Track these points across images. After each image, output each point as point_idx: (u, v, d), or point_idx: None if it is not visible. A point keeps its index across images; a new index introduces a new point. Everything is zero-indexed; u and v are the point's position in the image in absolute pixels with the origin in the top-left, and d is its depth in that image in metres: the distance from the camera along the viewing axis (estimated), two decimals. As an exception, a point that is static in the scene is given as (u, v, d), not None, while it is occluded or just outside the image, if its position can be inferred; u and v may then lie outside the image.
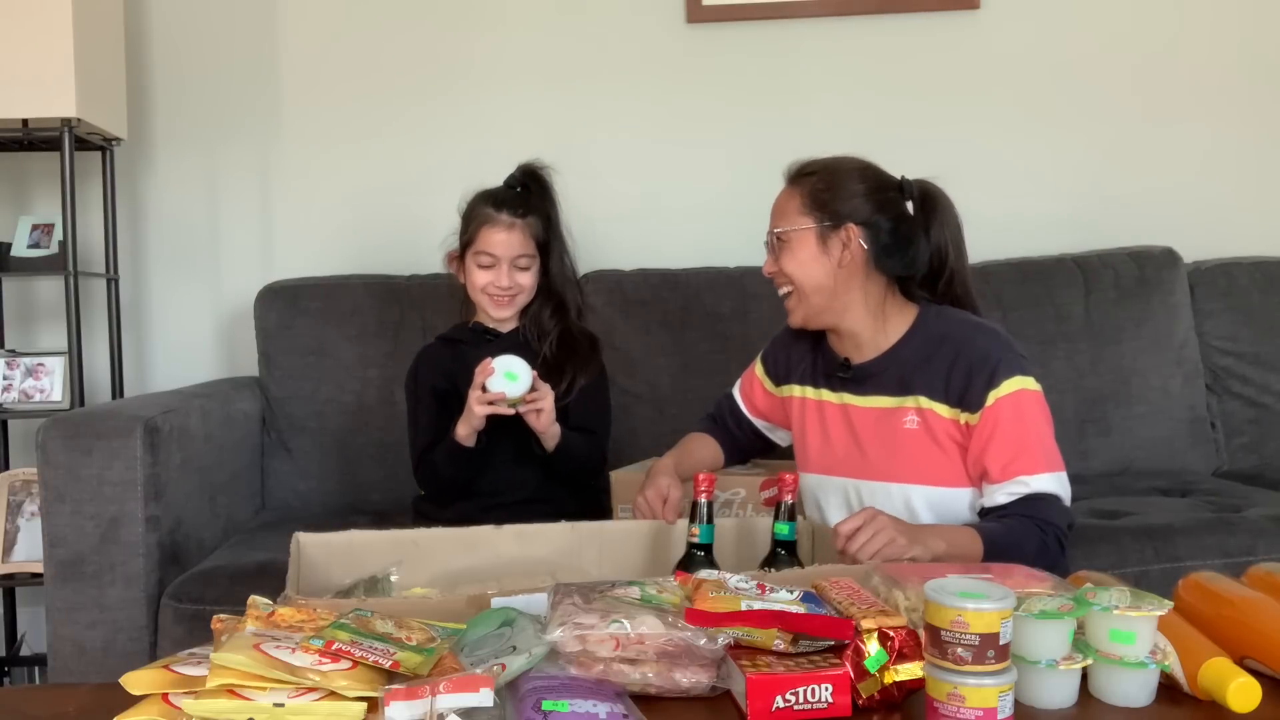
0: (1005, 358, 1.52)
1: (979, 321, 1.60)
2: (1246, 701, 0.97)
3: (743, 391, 1.84)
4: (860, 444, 1.61)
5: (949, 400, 1.54)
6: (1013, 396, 1.50)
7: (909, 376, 1.57)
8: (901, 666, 1.00)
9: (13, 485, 2.38)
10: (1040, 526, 1.46)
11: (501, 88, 2.72)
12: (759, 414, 1.82)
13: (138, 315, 2.74)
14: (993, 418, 1.50)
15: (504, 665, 1.00)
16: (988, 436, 1.50)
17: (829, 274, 1.59)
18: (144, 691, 0.96)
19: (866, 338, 1.62)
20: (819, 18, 2.71)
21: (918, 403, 1.56)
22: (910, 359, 1.58)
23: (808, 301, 1.61)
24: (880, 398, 1.60)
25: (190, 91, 2.72)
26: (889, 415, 1.58)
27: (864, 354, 1.63)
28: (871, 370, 1.61)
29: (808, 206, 1.60)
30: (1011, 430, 1.49)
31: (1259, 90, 2.75)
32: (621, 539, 1.56)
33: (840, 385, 1.65)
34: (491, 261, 1.93)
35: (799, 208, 1.61)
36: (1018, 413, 1.50)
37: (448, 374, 1.92)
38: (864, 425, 1.61)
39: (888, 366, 1.60)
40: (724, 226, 2.71)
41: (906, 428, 1.56)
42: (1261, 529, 1.92)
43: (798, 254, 1.60)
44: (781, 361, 1.77)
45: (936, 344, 1.57)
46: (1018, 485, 1.49)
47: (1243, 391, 2.53)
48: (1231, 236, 2.70)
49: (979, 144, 2.71)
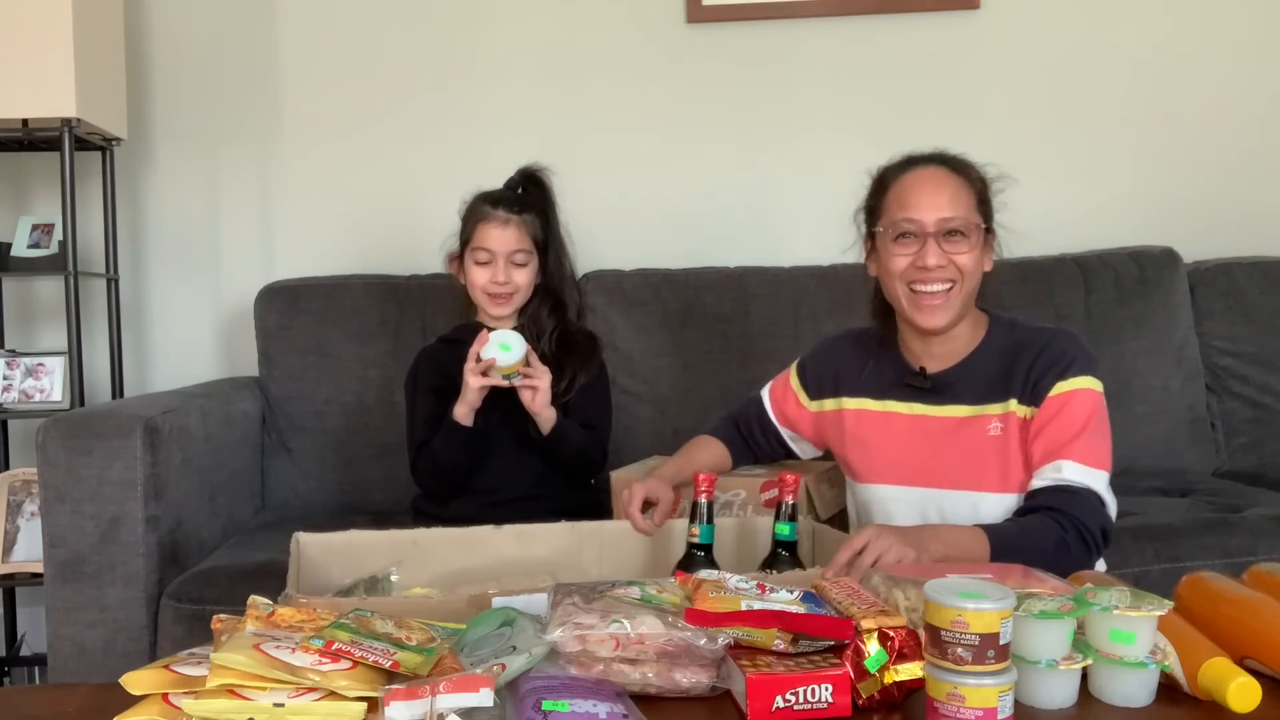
0: (1080, 358, 1.51)
1: (1055, 327, 1.60)
2: (1246, 701, 0.97)
3: (773, 399, 1.79)
4: (939, 454, 1.57)
5: (1024, 399, 1.53)
6: (1080, 392, 1.49)
7: (992, 384, 1.55)
8: (901, 666, 1.00)
9: (13, 485, 2.38)
10: (1060, 522, 1.42)
11: (501, 87, 2.72)
12: (787, 423, 1.78)
13: (138, 315, 2.74)
14: (1056, 405, 1.49)
15: (504, 665, 1.00)
16: (1044, 422, 1.49)
17: (980, 277, 1.56)
18: (144, 691, 0.96)
19: (952, 349, 1.59)
20: (819, 18, 2.71)
21: (1005, 408, 1.53)
22: (990, 367, 1.56)
23: (966, 300, 1.54)
24: (959, 407, 1.57)
25: (190, 91, 2.72)
26: (970, 424, 1.56)
27: (940, 363, 1.60)
28: (949, 379, 1.58)
29: (977, 205, 1.55)
30: (1066, 421, 1.48)
31: (1259, 90, 2.75)
32: (621, 539, 1.56)
33: (912, 395, 1.61)
34: (488, 257, 1.95)
35: (972, 204, 1.54)
36: (1078, 407, 1.49)
37: (447, 373, 1.93)
38: (942, 435, 1.57)
39: (967, 375, 1.57)
40: (724, 226, 2.72)
41: (990, 435, 1.54)
42: (1261, 529, 1.92)
43: (975, 250, 1.53)
44: (827, 375, 1.71)
45: (1016, 351, 1.55)
46: (1052, 470, 1.47)
47: (1243, 391, 2.53)
48: (1231, 236, 2.70)
49: (979, 144, 2.68)
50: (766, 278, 2.52)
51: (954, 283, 1.52)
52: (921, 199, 1.53)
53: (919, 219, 1.52)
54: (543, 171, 2.03)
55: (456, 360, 1.86)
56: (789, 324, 2.44)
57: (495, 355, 1.78)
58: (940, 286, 1.52)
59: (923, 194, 1.53)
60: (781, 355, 1.86)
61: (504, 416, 1.87)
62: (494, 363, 1.78)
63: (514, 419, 1.87)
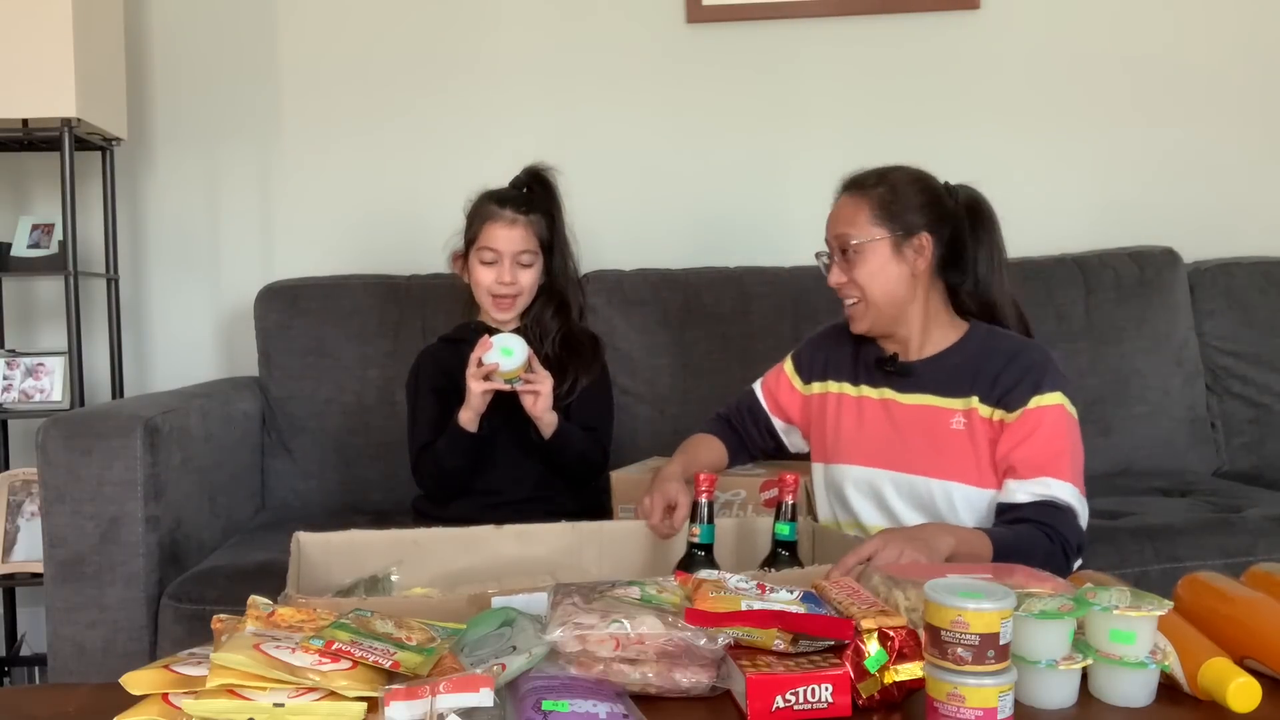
0: (1053, 373, 1.56)
1: (1031, 341, 1.64)
2: (1246, 701, 0.97)
3: (766, 388, 1.84)
4: (902, 438, 1.63)
5: (990, 401, 1.57)
6: (1056, 409, 1.53)
7: (960, 381, 1.60)
8: (901, 666, 1.00)
9: (13, 485, 2.38)
10: (1049, 535, 1.47)
11: (501, 87, 2.72)
12: (779, 413, 1.83)
13: (138, 315, 2.74)
14: (1034, 420, 1.53)
15: (504, 665, 1.00)
16: (1023, 436, 1.53)
17: (901, 283, 1.61)
18: (144, 691, 0.96)
19: (915, 344, 1.65)
20: (819, 18, 2.71)
21: (968, 404, 1.58)
22: (961, 365, 1.61)
23: (876, 310, 1.62)
24: (926, 396, 1.62)
25: (190, 91, 2.72)
26: (934, 414, 1.61)
27: (911, 355, 1.66)
28: (919, 368, 1.64)
29: (878, 217, 1.60)
30: (1048, 436, 1.52)
31: (1259, 90, 2.75)
32: (621, 539, 1.56)
33: (883, 380, 1.67)
34: (494, 257, 1.94)
35: (870, 218, 1.60)
36: (1057, 425, 1.53)
37: (448, 373, 1.93)
38: (907, 421, 1.63)
39: (934, 368, 1.63)
40: (724, 226, 2.72)
41: (953, 428, 1.59)
42: (1261, 529, 1.92)
43: (870, 264, 1.60)
44: (819, 360, 1.77)
45: (988, 355, 1.60)
46: (1040, 486, 1.50)
47: (1243, 391, 2.53)
48: (1231, 236, 2.70)
49: (979, 144, 2.71)
50: (766, 278, 2.52)
51: (857, 299, 1.62)
52: (828, 225, 1.67)
53: (827, 242, 1.67)
54: (549, 171, 2.02)
55: (458, 360, 1.86)
56: (789, 324, 2.44)
57: (498, 360, 1.77)
58: (850, 300, 1.65)
59: (829, 221, 1.67)
60: (781, 355, 1.86)
61: (505, 419, 1.87)
62: (496, 367, 1.77)
63: (515, 422, 1.87)
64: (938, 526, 1.49)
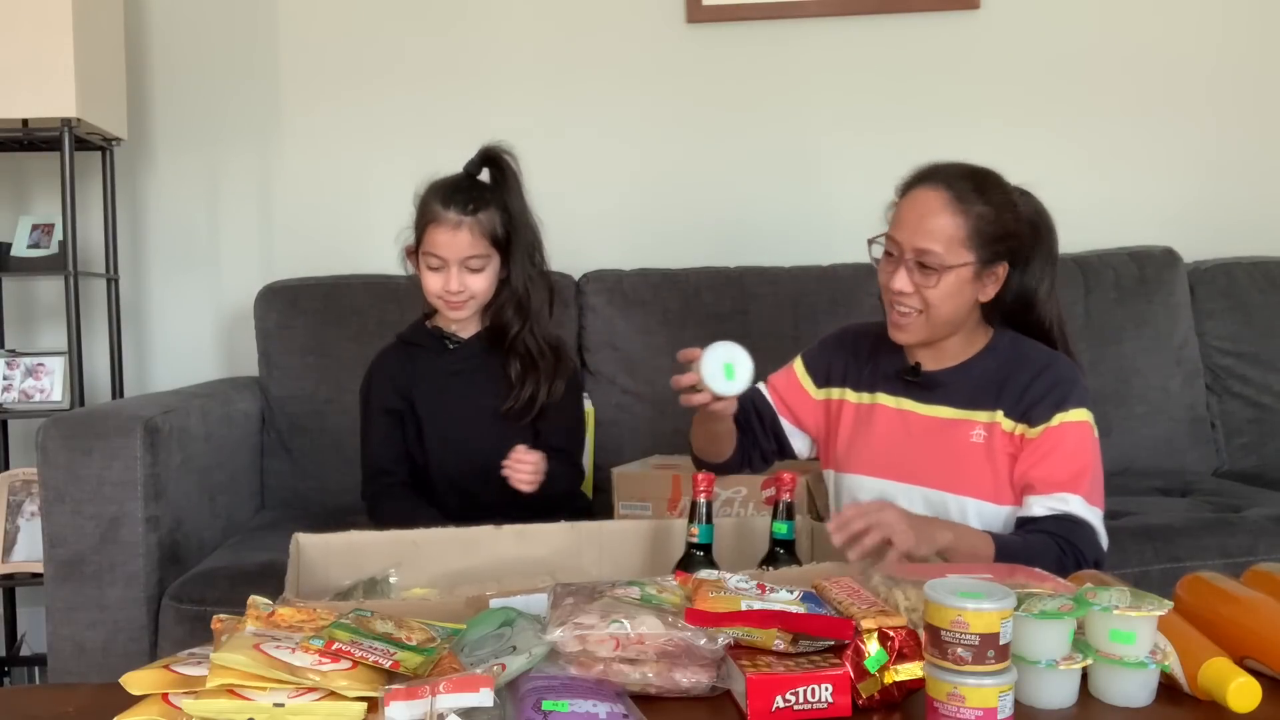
0: (1079, 390, 1.52)
1: (1057, 352, 1.59)
2: (1246, 701, 0.97)
3: (773, 388, 1.76)
4: (918, 451, 1.58)
5: (1014, 415, 1.53)
6: (1080, 426, 1.50)
7: (985, 393, 1.55)
8: (901, 666, 1.00)
9: (13, 485, 2.38)
10: (1060, 546, 1.44)
11: (501, 87, 2.72)
12: (788, 414, 1.75)
13: (138, 315, 2.74)
14: (1056, 437, 1.49)
15: (504, 665, 1.00)
16: (1045, 452, 1.50)
17: (967, 306, 1.54)
18: (144, 691, 0.96)
19: (949, 352, 1.59)
20: (819, 18, 2.71)
21: (991, 417, 1.54)
22: (984, 376, 1.57)
23: (933, 327, 1.55)
24: (945, 408, 1.58)
25: (190, 91, 2.72)
26: (953, 426, 1.56)
27: (935, 364, 1.60)
28: (941, 379, 1.59)
29: (972, 241, 1.50)
30: (1070, 454, 1.49)
31: (1259, 90, 2.75)
32: (621, 539, 1.56)
33: (903, 390, 1.61)
34: (439, 264, 1.76)
35: (964, 240, 1.50)
36: (1080, 443, 1.50)
37: (401, 389, 1.82)
38: (924, 433, 1.58)
39: (958, 379, 1.58)
40: (724, 226, 2.72)
41: (972, 441, 1.55)
42: (1261, 529, 1.92)
43: (948, 285, 1.50)
44: (836, 365, 1.70)
45: (1014, 365, 1.56)
46: (1058, 501, 1.48)
47: (1243, 391, 2.53)
48: (1231, 236, 2.70)
49: (978, 144, 2.68)
50: (766, 278, 2.52)
51: (917, 310, 1.53)
52: (906, 222, 1.53)
53: (899, 241, 1.53)
54: (507, 152, 1.83)
55: (412, 367, 1.78)
56: (789, 324, 2.44)
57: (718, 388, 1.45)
58: (906, 309, 1.54)
59: (908, 218, 1.53)
60: (781, 355, 1.85)
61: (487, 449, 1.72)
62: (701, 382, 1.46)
63: None
64: (940, 521, 1.47)
